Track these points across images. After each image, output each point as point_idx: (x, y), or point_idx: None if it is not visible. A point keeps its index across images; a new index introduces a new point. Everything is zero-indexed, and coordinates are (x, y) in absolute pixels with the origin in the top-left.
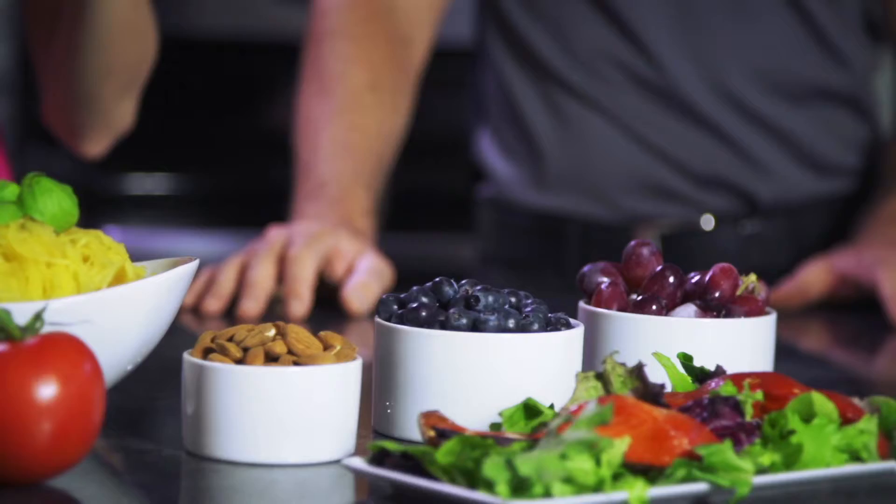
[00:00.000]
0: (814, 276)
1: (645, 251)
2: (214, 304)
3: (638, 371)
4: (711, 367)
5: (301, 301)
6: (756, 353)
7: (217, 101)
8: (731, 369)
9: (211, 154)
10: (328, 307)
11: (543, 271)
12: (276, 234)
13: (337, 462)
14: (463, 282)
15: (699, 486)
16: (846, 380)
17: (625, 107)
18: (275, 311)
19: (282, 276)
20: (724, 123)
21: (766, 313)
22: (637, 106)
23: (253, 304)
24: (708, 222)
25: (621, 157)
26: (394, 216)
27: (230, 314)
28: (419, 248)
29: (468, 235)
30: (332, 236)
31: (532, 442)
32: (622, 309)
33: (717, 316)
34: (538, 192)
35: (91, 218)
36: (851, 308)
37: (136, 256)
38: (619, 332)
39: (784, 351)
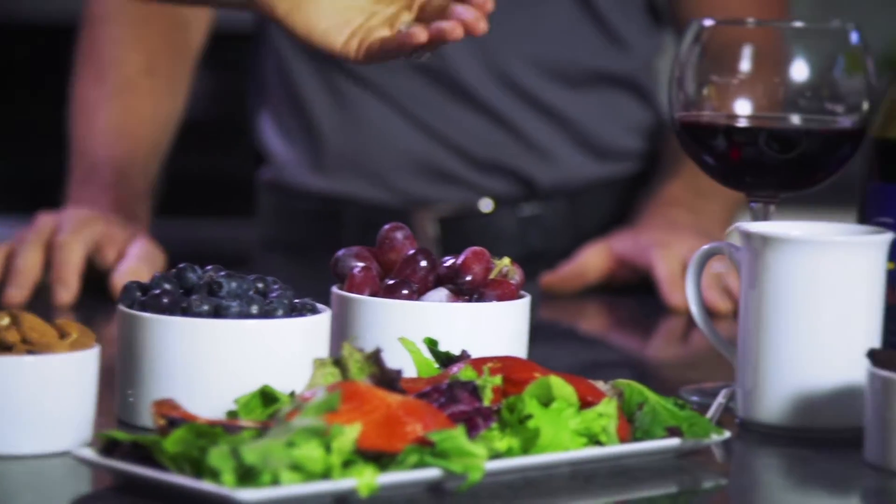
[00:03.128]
0: (592, 259)
1: (398, 235)
2: None
3: (375, 357)
4: (459, 352)
5: (67, 288)
6: (508, 337)
7: None
8: (483, 354)
9: None
10: (100, 294)
11: (323, 256)
12: (44, 221)
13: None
14: (207, 268)
15: (432, 472)
16: (622, 362)
17: (404, 90)
18: (43, 298)
19: (49, 263)
20: (504, 108)
21: (520, 297)
22: (416, 90)
23: (17, 292)
24: (487, 205)
25: (400, 141)
26: (174, 201)
27: None
28: (201, 233)
29: (250, 220)
30: (102, 222)
31: (263, 430)
32: (374, 294)
33: (469, 300)
34: (317, 175)
35: None
36: (630, 290)
37: None
38: (370, 316)
39: (561, 334)
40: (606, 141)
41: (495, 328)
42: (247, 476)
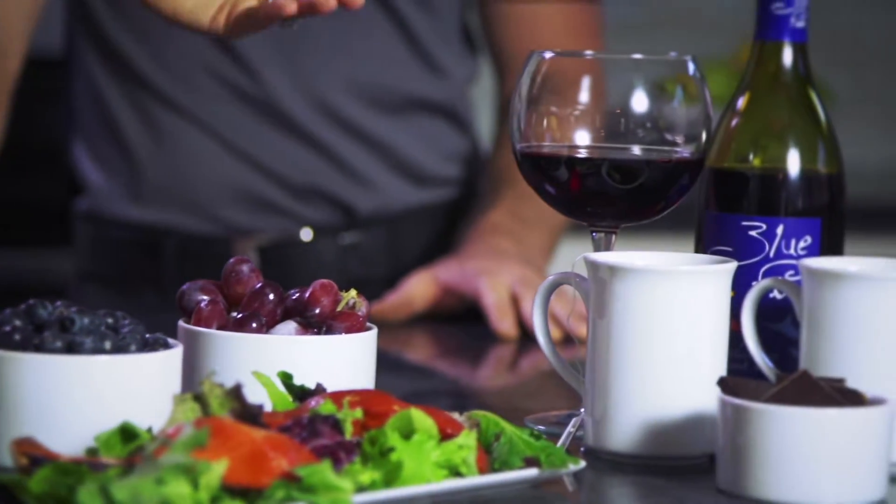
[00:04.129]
0: (418, 287)
1: (245, 268)
2: None
3: (236, 392)
4: (312, 385)
5: None
6: (357, 369)
7: None
8: (332, 386)
9: None
10: None
11: (141, 288)
12: None
13: None
14: (58, 304)
15: None
16: (451, 391)
17: (220, 118)
18: None
19: None
20: (322, 135)
21: (367, 328)
22: (233, 117)
23: None
24: (306, 233)
25: (218, 169)
26: None
27: None
28: (14, 263)
29: (66, 250)
30: None
31: (128, 467)
32: (222, 327)
33: (318, 332)
34: (134, 205)
35: None
36: (455, 318)
37: None
38: (219, 351)
39: (389, 363)
40: (425, 168)
41: (345, 360)
42: None
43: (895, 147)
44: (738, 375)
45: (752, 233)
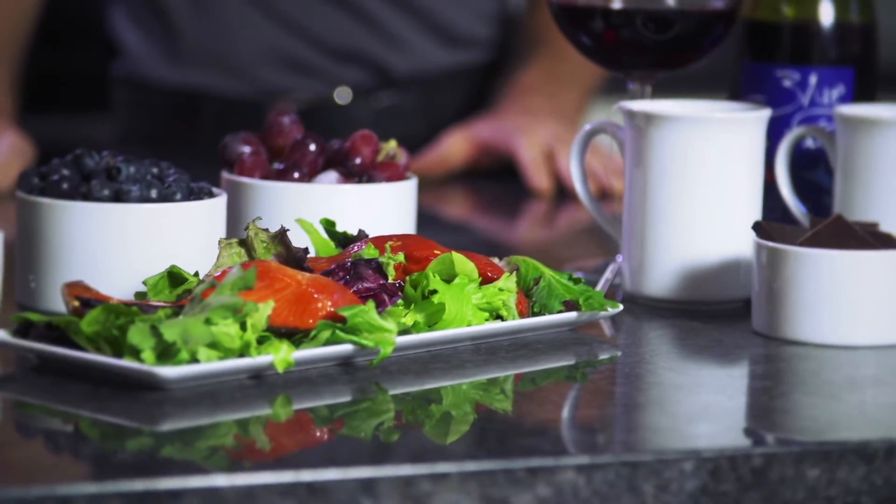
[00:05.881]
0: (454, 146)
1: (286, 120)
2: None
3: (281, 236)
4: (354, 232)
5: None
6: (398, 217)
7: None
8: (374, 233)
9: None
10: None
11: (179, 150)
12: None
13: None
14: (104, 153)
15: (345, 348)
16: (488, 243)
17: None
18: None
19: None
20: None
21: (407, 178)
22: None
23: None
24: (342, 95)
25: (254, 30)
26: (26, 96)
27: None
28: (54, 128)
29: (105, 115)
30: None
31: (177, 309)
32: (265, 177)
33: (359, 181)
34: (172, 67)
35: None
36: (491, 175)
37: None
38: (262, 200)
39: (427, 219)
40: (458, 28)
41: (386, 208)
42: (165, 354)
43: None
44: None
45: (786, 82)
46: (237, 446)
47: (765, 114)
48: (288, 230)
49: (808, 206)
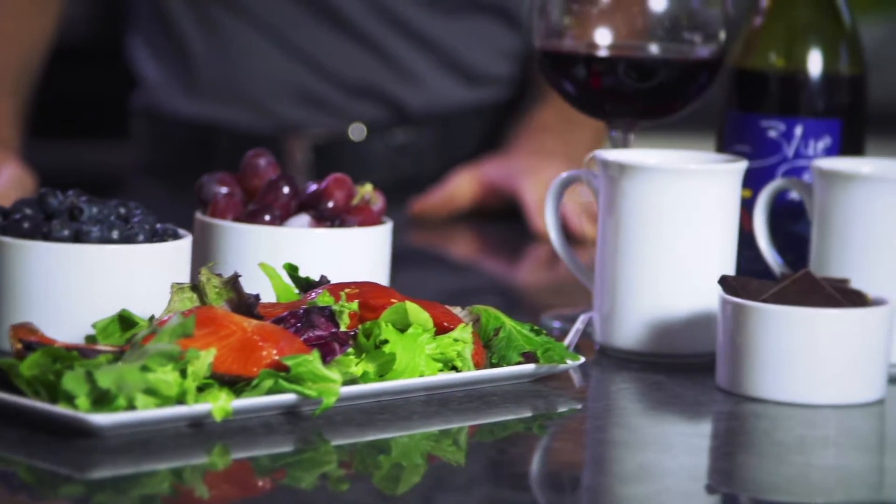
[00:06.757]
0: (461, 185)
1: (261, 161)
2: None
3: (233, 282)
4: (327, 277)
5: None
6: (371, 263)
7: None
8: (345, 279)
9: None
10: None
11: (195, 182)
12: None
13: None
14: (69, 193)
15: (287, 397)
16: (491, 287)
17: (274, 14)
18: None
19: None
20: (375, 33)
21: (382, 223)
22: (287, 13)
23: None
24: (357, 132)
25: (270, 65)
26: (47, 123)
27: None
28: (74, 155)
29: (125, 143)
30: None
31: (120, 354)
32: (237, 219)
33: (331, 225)
34: (189, 100)
35: None
36: (499, 217)
37: None
38: (233, 242)
39: (432, 260)
40: (475, 66)
41: (357, 254)
42: (101, 400)
43: None
44: (754, 275)
45: (771, 133)
46: (173, 494)
47: (739, 166)
48: (240, 276)
49: (791, 258)
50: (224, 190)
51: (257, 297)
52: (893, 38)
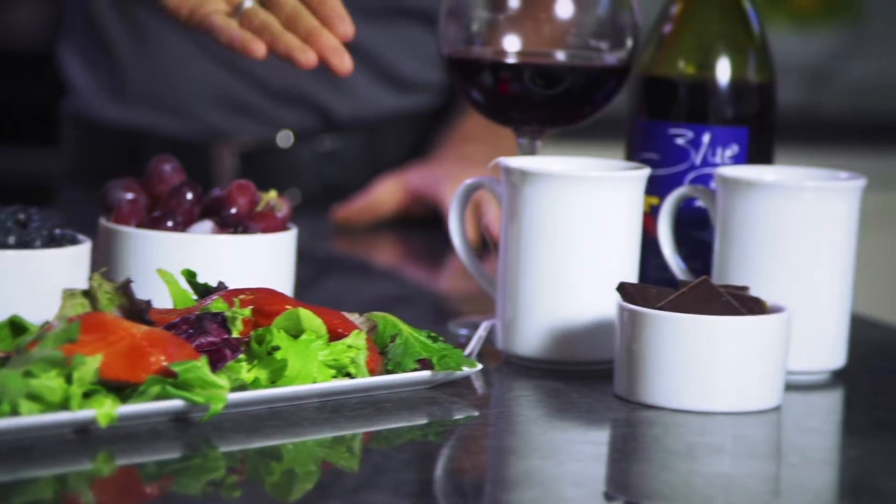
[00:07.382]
0: (385, 193)
1: (166, 167)
2: None
3: (124, 288)
4: (227, 283)
5: None
6: (274, 269)
7: None
8: (246, 285)
9: None
10: None
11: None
12: None
13: None
14: None
15: (174, 403)
16: (414, 295)
17: None
18: None
19: None
20: None
21: (286, 229)
22: None
23: None
24: (285, 139)
25: (198, 71)
26: None
27: None
28: (5, 163)
29: (55, 149)
30: None
31: (6, 360)
32: (140, 225)
33: (234, 232)
34: (118, 107)
35: None
36: (422, 224)
37: None
38: (135, 248)
39: (355, 268)
40: (404, 73)
41: (259, 260)
42: None
43: None
44: (660, 283)
45: (679, 140)
46: (57, 501)
47: (641, 174)
48: (132, 281)
49: (698, 266)
50: (129, 195)
51: (149, 303)
52: (802, 46)
